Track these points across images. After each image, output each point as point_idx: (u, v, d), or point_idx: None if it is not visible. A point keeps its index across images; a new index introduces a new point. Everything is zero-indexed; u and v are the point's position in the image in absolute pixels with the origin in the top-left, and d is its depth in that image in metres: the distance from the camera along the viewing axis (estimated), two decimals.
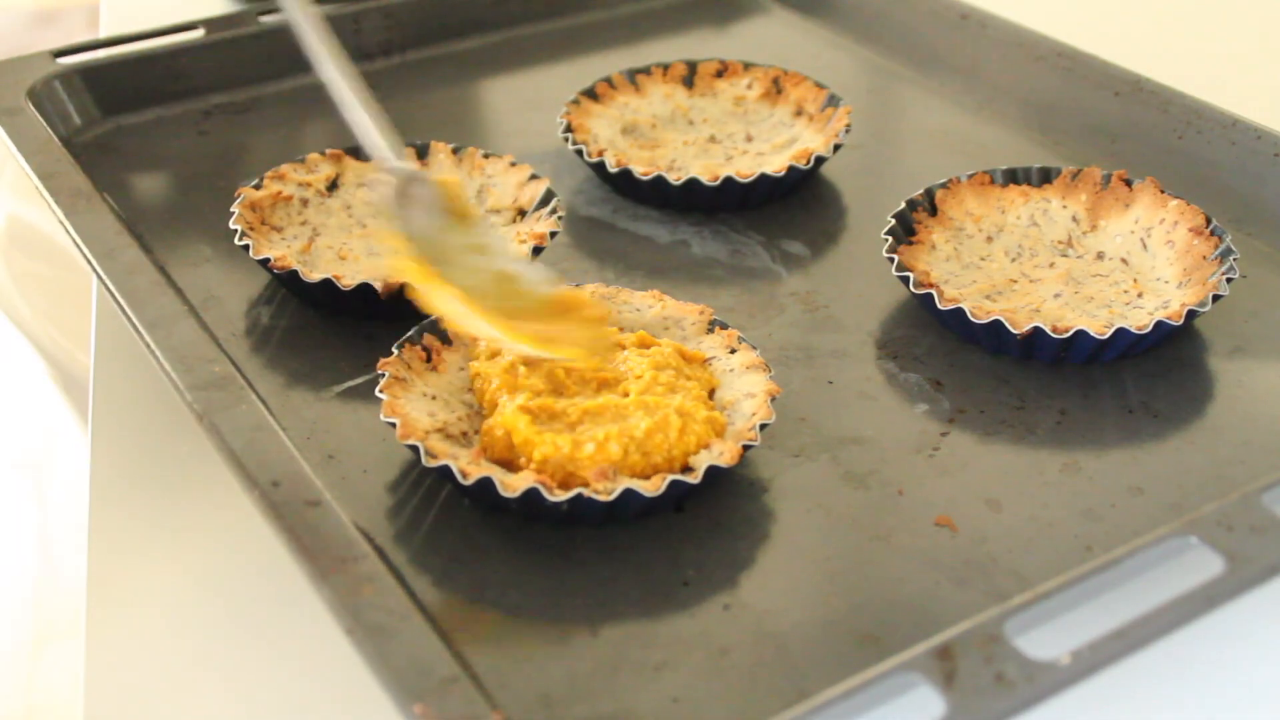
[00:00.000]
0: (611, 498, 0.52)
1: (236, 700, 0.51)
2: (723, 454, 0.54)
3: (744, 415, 0.57)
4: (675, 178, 0.75)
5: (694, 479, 0.53)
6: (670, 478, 0.53)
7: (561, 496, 0.52)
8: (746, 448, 0.55)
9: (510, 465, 0.55)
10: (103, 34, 0.96)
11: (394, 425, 0.55)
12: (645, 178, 0.75)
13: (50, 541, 1.69)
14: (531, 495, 0.52)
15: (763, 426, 0.56)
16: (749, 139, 0.81)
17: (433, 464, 0.53)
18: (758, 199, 0.77)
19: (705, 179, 0.74)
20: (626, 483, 0.53)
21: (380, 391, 0.57)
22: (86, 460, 0.62)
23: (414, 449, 0.54)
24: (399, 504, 0.56)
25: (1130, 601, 0.48)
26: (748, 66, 0.86)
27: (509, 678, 0.48)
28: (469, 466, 0.53)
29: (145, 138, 0.84)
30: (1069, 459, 0.59)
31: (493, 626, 0.51)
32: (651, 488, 0.53)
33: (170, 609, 0.54)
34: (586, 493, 0.52)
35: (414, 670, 0.43)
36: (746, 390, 0.58)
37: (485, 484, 0.53)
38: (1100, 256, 0.70)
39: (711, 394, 0.59)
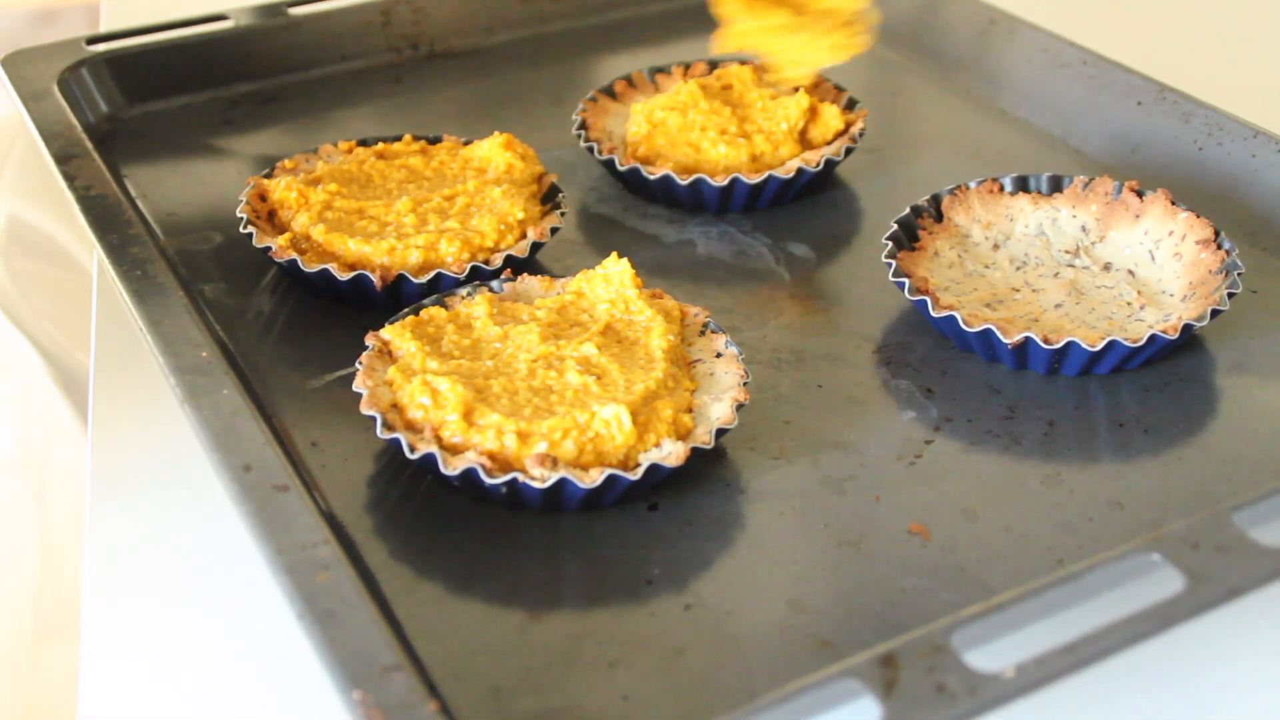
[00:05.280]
0: (546, 485, 0.53)
1: (234, 699, 0.51)
2: (670, 455, 0.54)
3: (710, 419, 0.57)
4: (683, 177, 0.75)
5: (634, 475, 0.54)
6: (608, 471, 0.53)
7: (498, 479, 0.53)
8: (698, 451, 0.55)
9: None
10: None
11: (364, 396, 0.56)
12: (652, 176, 0.75)
13: (50, 541, 1.68)
14: (471, 475, 0.53)
15: (721, 432, 0.56)
16: None
17: (386, 436, 0.55)
18: (766, 200, 0.76)
19: (713, 179, 0.74)
20: (563, 471, 0.53)
21: (359, 362, 0.58)
22: (86, 460, 0.63)
23: (374, 419, 0.55)
24: (377, 492, 0.57)
25: (1091, 617, 0.47)
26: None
27: (462, 668, 0.49)
28: (417, 441, 0.54)
29: (172, 125, 0.86)
30: (1051, 471, 0.58)
31: (453, 617, 0.51)
32: (588, 479, 0.53)
33: (169, 609, 0.55)
34: (522, 478, 0.53)
35: (357, 658, 0.44)
36: (719, 394, 0.58)
37: (429, 459, 0.54)
38: (1107, 267, 0.69)
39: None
